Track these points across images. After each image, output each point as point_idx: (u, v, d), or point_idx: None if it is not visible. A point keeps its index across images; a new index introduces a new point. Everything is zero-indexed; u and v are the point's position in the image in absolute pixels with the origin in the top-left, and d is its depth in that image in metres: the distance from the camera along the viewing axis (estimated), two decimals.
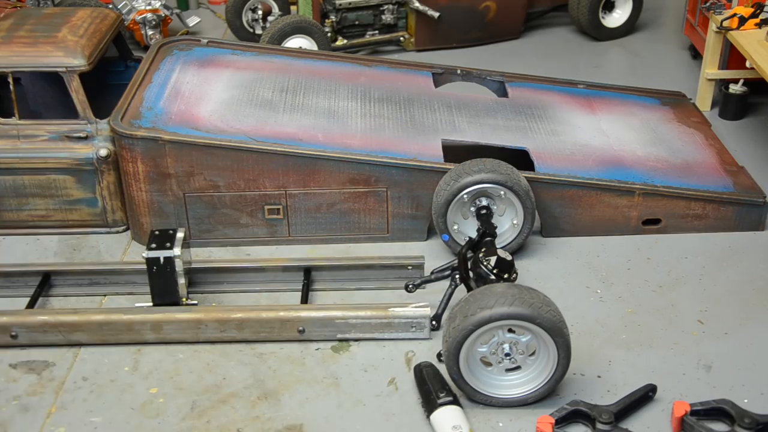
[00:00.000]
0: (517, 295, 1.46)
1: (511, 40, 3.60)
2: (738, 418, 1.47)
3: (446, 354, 1.51)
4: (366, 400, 1.60)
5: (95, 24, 2.24)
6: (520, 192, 1.95)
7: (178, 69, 2.34)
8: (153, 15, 3.43)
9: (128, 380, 1.66)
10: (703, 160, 2.30)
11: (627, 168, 2.19)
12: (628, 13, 3.60)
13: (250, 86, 2.30)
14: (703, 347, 1.73)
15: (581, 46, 3.57)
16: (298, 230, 2.09)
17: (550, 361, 1.51)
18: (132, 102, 2.12)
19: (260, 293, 1.92)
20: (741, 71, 2.70)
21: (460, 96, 2.46)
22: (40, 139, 2.08)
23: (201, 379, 1.66)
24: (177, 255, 1.73)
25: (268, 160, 2.00)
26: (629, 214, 2.11)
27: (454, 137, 2.23)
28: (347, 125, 2.19)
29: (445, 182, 1.98)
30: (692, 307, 1.86)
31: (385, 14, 3.39)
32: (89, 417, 1.57)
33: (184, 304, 1.79)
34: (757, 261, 2.03)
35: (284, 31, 3.08)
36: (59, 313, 1.76)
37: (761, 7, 2.63)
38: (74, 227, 2.18)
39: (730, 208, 2.13)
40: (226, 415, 1.56)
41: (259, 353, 1.73)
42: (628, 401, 1.53)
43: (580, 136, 2.33)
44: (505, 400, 1.55)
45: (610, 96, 2.64)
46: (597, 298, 1.90)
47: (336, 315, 1.74)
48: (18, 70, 2.08)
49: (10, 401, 1.61)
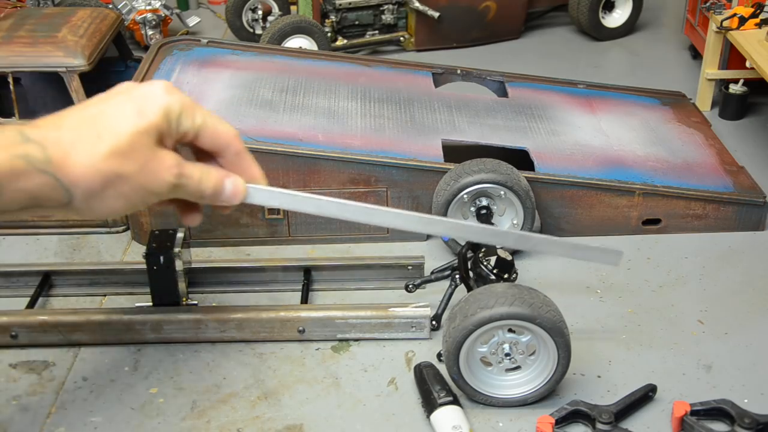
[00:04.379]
0: (517, 295, 1.46)
1: (511, 40, 3.60)
2: (738, 418, 1.47)
3: (446, 354, 1.51)
4: (366, 400, 1.60)
5: (95, 24, 2.23)
6: (520, 192, 1.95)
7: (178, 69, 2.33)
8: (153, 15, 3.42)
9: (128, 380, 1.66)
10: (703, 160, 2.30)
11: (627, 168, 2.19)
12: (628, 13, 3.60)
13: (250, 86, 2.30)
14: (703, 347, 1.73)
15: (581, 46, 3.56)
16: (298, 230, 2.09)
17: (550, 361, 1.51)
18: None
19: (260, 293, 1.92)
20: (741, 71, 2.70)
21: (460, 96, 2.46)
22: None
23: (201, 379, 1.66)
24: (177, 255, 1.73)
25: (268, 160, 2.00)
26: (629, 214, 2.11)
27: (454, 137, 2.23)
28: (347, 125, 2.19)
29: (445, 182, 1.98)
30: (692, 307, 1.86)
31: (385, 14, 3.39)
32: (89, 417, 1.57)
33: (184, 304, 1.79)
34: (757, 261, 2.03)
35: (284, 31, 3.08)
36: (59, 313, 1.76)
37: (761, 7, 2.63)
38: (74, 227, 2.18)
39: (730, 208, 2.13)
40: (226, 415, 1.56)
41: (259, 353, 1.73)
42: (628, 401, 1.53)
43: (580, 136, 2.33)
44: (505, 400, 1.55)
45: (610, 96, 2.64)
46: (597, 298, 1.90)
47: (336, 315, 1.74)
48: (18, 70, 2.08)
49: (10, 401, 1.61)
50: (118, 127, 0.90)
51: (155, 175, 0.93)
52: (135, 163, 0.91)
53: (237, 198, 1.02)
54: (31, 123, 0.90)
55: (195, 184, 0.97)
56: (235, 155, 1.02)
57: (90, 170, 0.88)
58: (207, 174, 0.99)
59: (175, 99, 0.96)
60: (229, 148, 1.01)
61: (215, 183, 0.99)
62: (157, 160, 0.93)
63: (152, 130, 0.93)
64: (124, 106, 0.93)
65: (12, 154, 0.84)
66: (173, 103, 0.95)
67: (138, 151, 0.91)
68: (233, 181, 1.01)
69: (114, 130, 0.90)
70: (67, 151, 0.87)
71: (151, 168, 0.93)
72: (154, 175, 0.93)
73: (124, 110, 0.92)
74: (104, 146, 0.89)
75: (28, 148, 0.86)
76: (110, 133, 0.90)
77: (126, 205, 0.93)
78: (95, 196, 0.90)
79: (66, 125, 0.90)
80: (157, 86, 0.96)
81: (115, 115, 0.92)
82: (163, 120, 0.94)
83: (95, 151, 0.88)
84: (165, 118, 0.94)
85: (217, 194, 1.00)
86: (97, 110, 0.92)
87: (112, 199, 0.91)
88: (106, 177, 0.89)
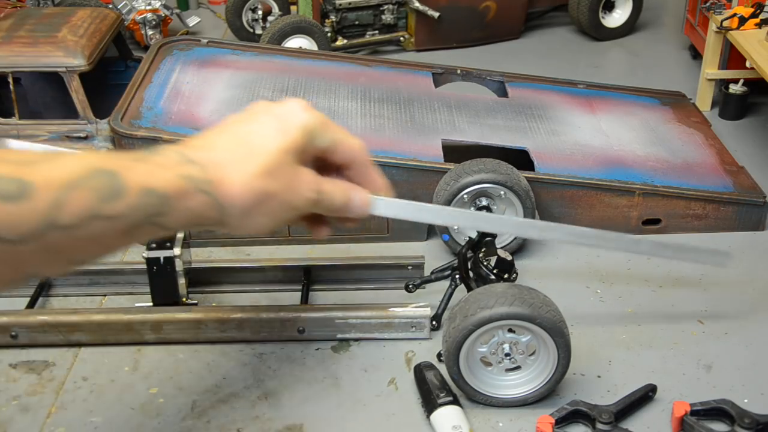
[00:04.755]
0: (518, 295, 1.46)
1: (511, 40, 3.60)
2: (738, 418, 1.47)
3: (446, 354, 1.51)
4: (366, 400, 1.60)
5: (95, 24, 2.23)
6: (520, 192, 1.95)
7: (178, 69, 2.33)
8: (153, 15, 3.42)
9: (128, 380, 1.66)
10: (703, 160, 2.30)
11: (627, 168, 2.19)
12: (628, 13, 3.60)
13: (250, 86, 2.30)
14: (703, 347, 1.73)
15: (581, 46, 3.56)
16: (298, 230, 2.09)
17: (550, 361, 1.51)
18: (132, 102, 2.12)
19: (260, 293, 1.92)
20: (741, 71, 2.70)
21: (460, 96, 2.46)
22: (40, 139, 2.08)
23: (201, 379, 1.66)
24: (177, 255, 1.72)
25: None
26: (629, 214, 2.11)
27: (454, 137, 2.23)
28: (347, 125, 2.19)
29: (445, 182, 1.98)
30: (692, 307, 1.86)
31: (385, 14, 3.39)
32: (89, 417, 1.57)
33: (184, 304, 1.79)
34: (757, 261, 2.03)
35: (284, 31, 3.07)
36: (59, 313, 1.76)
37: (761, 7, 2.63)
38: None
39: (730, 208, 2.13)
40: (226, 415, 1.56)
41: (259, 353, 1.73)
42: (628, 401, 1.53)
43: (580, 136, 2.32)
44: (505, 400, 1.55)
45: (610, 96, 2.63)
46: (597, 298, 1.90)
47: (336, 315, 1.73)
48: (18, 70, 2.08)
49: (10, 401, 1.61)
50: (266, 146, 0.95)
51: (298, 192, 0.99)
52: (281, 181, 0.96)
53: (363, 210, 1.09)
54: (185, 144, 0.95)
55: (329, 198, 1.03)
56: (362, 167, 1.10)
57: (244, 189, 0.92)
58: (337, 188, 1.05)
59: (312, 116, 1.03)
60: (358, 161, 1.09)
61: (344, 196, 1.06)
62: (299, 177, 0.99)
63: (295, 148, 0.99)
64: (269, 125, 0.99)
65: (177, 174, 0.88)
66: (311, 121, 1.01)
67: (283, 169, 0.96)
68: (359, 193, 1.09)
69: (263, 149, 0.95)
70: (223, 172, 0.91)
71: (294, 185, 0.98)
72: (297, 191, 0.98)
73: (270, 129, 0.97)
74: (255, 166, 0.93)
75: (190, 168, 0.89)
76: (260, 153, 0.94)
77: (272, 221, 0.98)
78: (247, 214, 0.94)
79: (219, 146, 0.95)
80: (295, 105, 1.02)
81: (262, 135, 0.96)
82: (303, 137, 1.00)
83: (248, 170, 0.93)
84: (305, 136, 1.01)
85: (346, 207, 1.06)
86: (245, 130, 0.97)
87: (261, 215, 0.96)
88: (258, 195, 0.93)
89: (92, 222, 0.81)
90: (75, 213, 0.79)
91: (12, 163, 0.78)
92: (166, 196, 0.86)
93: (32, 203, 0.75)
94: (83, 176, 0.80)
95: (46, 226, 0.77)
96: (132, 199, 0.83)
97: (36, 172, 0.78)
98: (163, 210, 0.86)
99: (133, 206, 0.83)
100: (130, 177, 0.83)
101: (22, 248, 0.76)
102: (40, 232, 0.77)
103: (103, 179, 0.81)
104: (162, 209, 0.86)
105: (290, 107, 1.01)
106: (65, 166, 0.79)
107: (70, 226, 0.79)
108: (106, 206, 0.81)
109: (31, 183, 0.76)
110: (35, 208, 0.75)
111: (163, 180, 0.86)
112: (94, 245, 0.85)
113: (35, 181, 0.76)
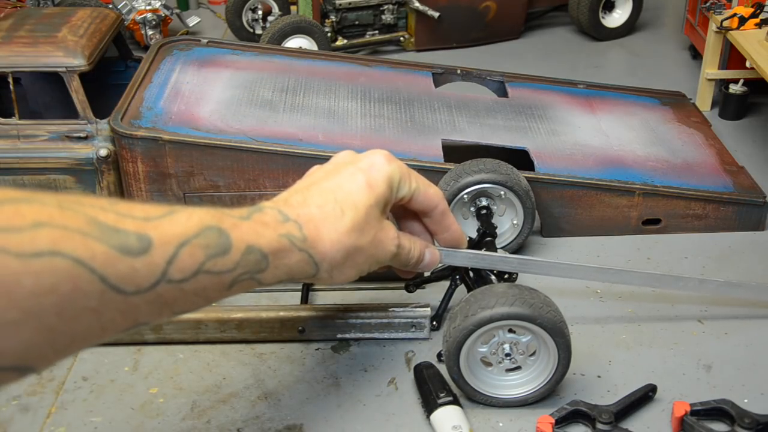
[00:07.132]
0: (518, 295, 1.46)
1: (511, 40, 3.60)
2: (738, 418, 1.47)
3: (446, 354, 1.51)
4: (366, 400, 1.60)
5: (95, 24, 2.23)
6: (520, 192, 1.95)
7: (178, 69, 2.33)
8: (153, 15, 3.42)
9: (128, 380, 1.66)
10: (703, 160, 2.30)
11: (627, 168, 2.19)
12: (628, 13, 3.60)
13: (250, 86, 2.30)
14: (703, 347, 1.73)
15: (581, 46, 3.56)
16: None
17: (550, 361, 1.51)
18: (132, 102, 2.12)
19: (260, 293, 1.92)
20: (741, 71, 2.70)
21: (460, 96, 2.46)
22: (40, 139, 2.08)
23: (201, 379, 1.66)
24: None
25: (268, 160, 2.00)
26: (629, 214, 2.11)
27: (454, 137, 2.22)
28: (347, 125, 2.19)
29: (444, 182, 1.97)
30: (692, 307, 1.86)
31: (385, 14, 3.39)
32: (89, 417, 1.57)
33: None
34: (757, 261, 2.03)
35: (284, 31, 3.07)
36: None
37: (761, 7, 2.63)
38: None
39: (730, 208, 2.13)
40: (226, 415, 1.56)
41: (259, 353, 1.73)
42: (628, 401, 1.53)
43: (580, 136, 2.32)
44: (505, 400, 1.55)
45: (610, 96, 2.63)
46: (597, 298, 1.90)
47: (336, 315, 1.74)
48: (18, 70, 2.08)
49: (10, 401, 1.61)
50: (354, 202, 1.00)
51: (382, 246, 1.05)
52: (368, 236, 1.01)
53: (432, 266, 1.17)
54: (282, 200, 1.00)
55: (406, 254, 1.10)
56: (440, 215, 1.16)
57: (336, 245, 0.98)
58: (414, 245, 1.12)
59: (395, 168, 1.08)
60: (437, 209, 1.16)
61: (419, 253, 1.13)
62: (384, 231, 1.06)
63: (381, 202, 1.04)
64: (356, 177, 1.05)
65: (278, 233, 0.94)
66: (395, 172, 1.08)
67: (370, 224, 1.01)
68: (431, 251, 1.17)
69: (352, 204, 1.00)
70: (318, 229, 0.96)
71: (379, 238, 1.04)
72: (382, 245, 1.04)
73: (357, 183, 1.03)
74: (346, 222, 0.98)
75: (289, 227, 0.95)
76: (350, 208, 0.99)
77: (357, 273, 1.04)
78: (337, 268, 1.00)
79: (312, 202, 0.99)
80: (379, 157, 1.09)
81: (351, 190, 1.01)
82: (388, 189, 1.05)
83: (339, 226, 0.98)
84: (389, 189, 1.05)
85: (419, 263, 1.13)
86: (334, 184, 1.02)
87: (348, 268, 1.01)
88: (348, 250, 0.99)
89: (199, 276, 0.85)
90: (186, 268, 0.84)
91: (138, 219, 0.81)
92: (268, 254, 0.92)
93: (150, 258, 0.80)
94: (195, 233, 0.85)
95: (160, 279, 0.82)
96: (237, 256, 0.89)
97: (155, 228, 0.82)
98: (263, 267, 0.93)
99: (238, 263, 0.89)
100: (236, 235, 0.89)
101: (136, 300, 0.79)
102: (153, 285, 0.81)
103: (212, 236, 0.87)
104: (263, 266, 0.92)
105: (375, 159, 1.05)
106: (179, 222, 0.85)
107: (180, 279, 0.83)
108: (214, 262, 0.87)
109: (150, 239, 0.80)
110: (152, 263, 0.80)
111: (265, 239, 0.92)
112: (198, 298, 0.89)
113: (153, 237, 0.81)
